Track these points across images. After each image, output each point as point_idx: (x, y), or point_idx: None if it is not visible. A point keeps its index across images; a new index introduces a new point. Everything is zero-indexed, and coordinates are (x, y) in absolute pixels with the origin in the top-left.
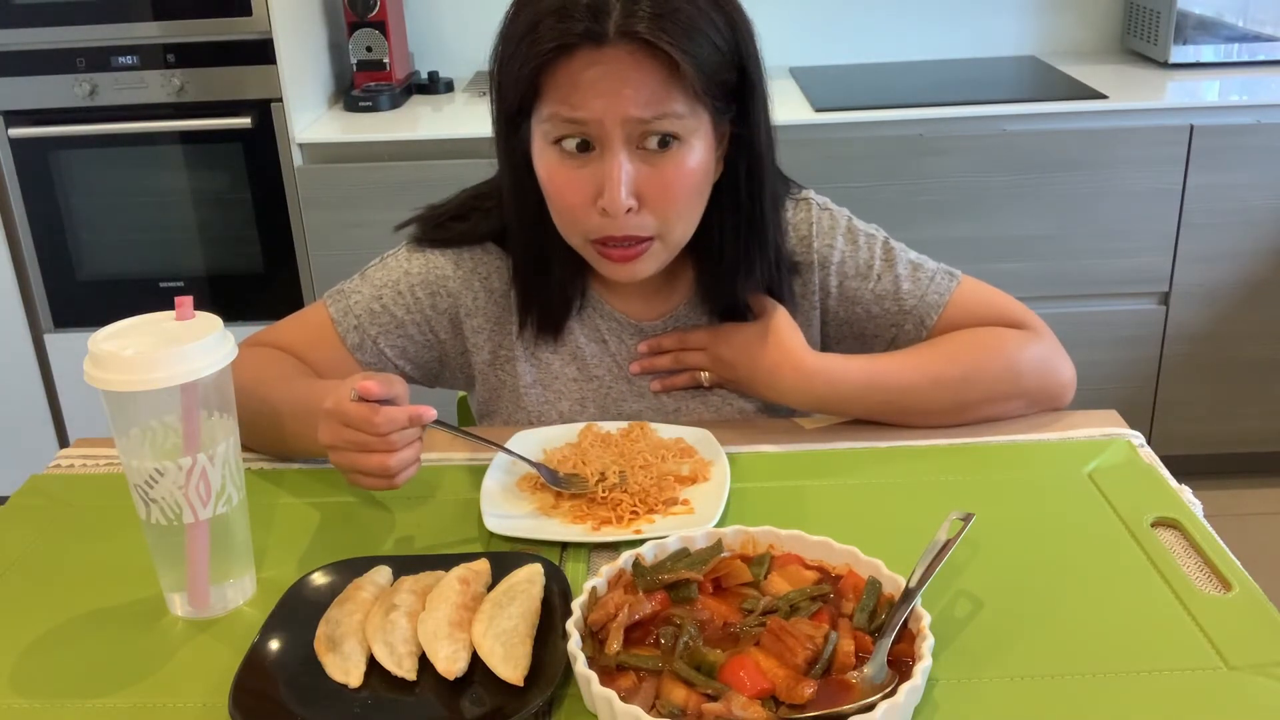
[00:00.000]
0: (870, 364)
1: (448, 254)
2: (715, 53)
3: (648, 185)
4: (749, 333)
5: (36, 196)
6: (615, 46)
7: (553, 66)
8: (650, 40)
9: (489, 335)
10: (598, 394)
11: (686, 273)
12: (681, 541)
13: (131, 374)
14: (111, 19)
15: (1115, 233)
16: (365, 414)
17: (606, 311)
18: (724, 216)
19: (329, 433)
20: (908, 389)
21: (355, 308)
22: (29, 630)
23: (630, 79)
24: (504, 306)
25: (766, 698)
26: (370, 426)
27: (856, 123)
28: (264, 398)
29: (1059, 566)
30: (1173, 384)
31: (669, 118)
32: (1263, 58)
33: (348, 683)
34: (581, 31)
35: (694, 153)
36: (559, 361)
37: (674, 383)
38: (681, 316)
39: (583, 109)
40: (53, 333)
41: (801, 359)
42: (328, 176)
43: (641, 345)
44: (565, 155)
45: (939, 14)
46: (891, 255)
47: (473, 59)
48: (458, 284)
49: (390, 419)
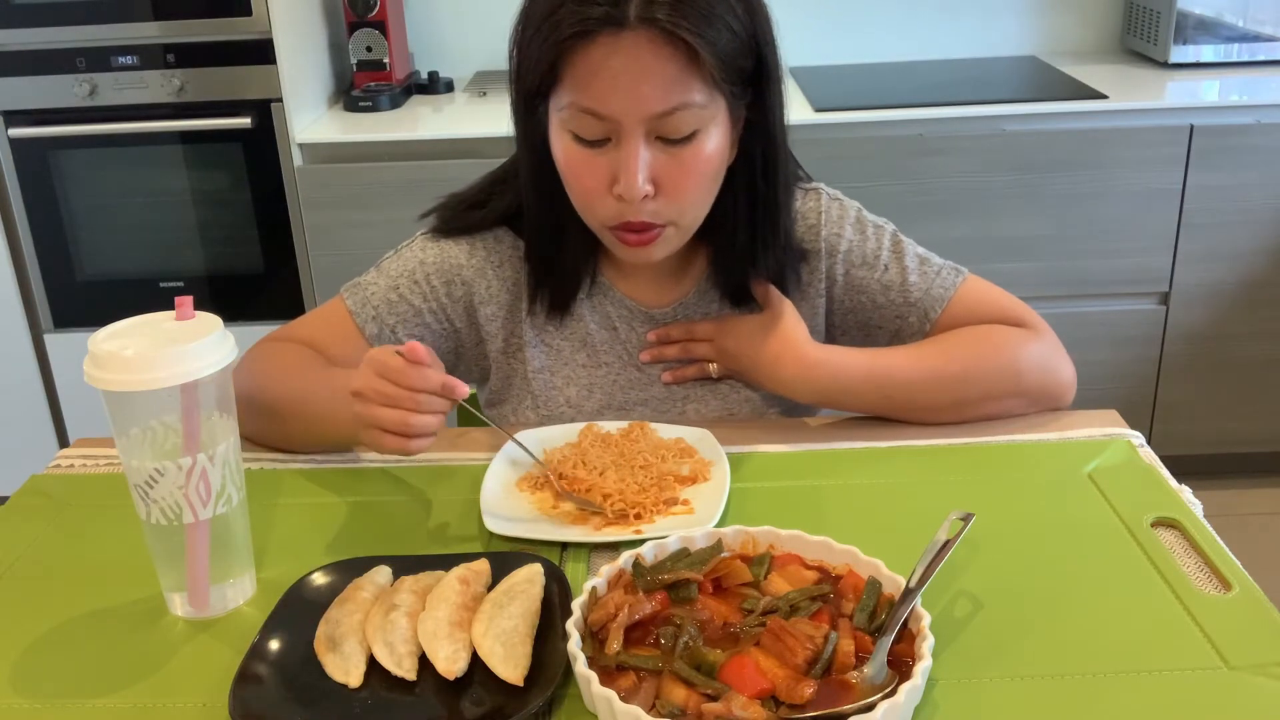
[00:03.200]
0: (872, 358)
1: (461, 243)
2: (733, 39)
3: (664, 173)
4: (753, 324)
5: (36, 196)
6: (635, 33)
7: (571, 52)
8: (668, 27)
9: (502, 323)
10: (606, 381)
11: (698, 259)
12: (681, 541)
13: (131, 374)
14: (111, 19)
15: (1115, 233)
16: (402, 367)
17: (617, 298)
18: (738, 199)
19: (362, 379)
20: (909, 384)
21: (373, 299)
22: (29, 630)
23: (650, 70)
24: (516, 294)
25: (766, 698)
26: (404, 379)
27: (856, 123)
28: (279, 391)
29: (1059, 566)
30: (1173, 384)
31: (687, 108)
32: (1263, 58)
33: (348, 683)
34: (601, 16)
35: (710, 140)
36: (569, 347)
37: (684, 374)
38: (692, 304)
39: (601, 104)
40: (53, 333)
41: (803, 351)
42: (328, 176)
43: (650, 335)
44: (582, 142)
45: (939, 14)
46: (900, 247)
47: (473, 59)
48: (471, 272)
49: (424, 377)
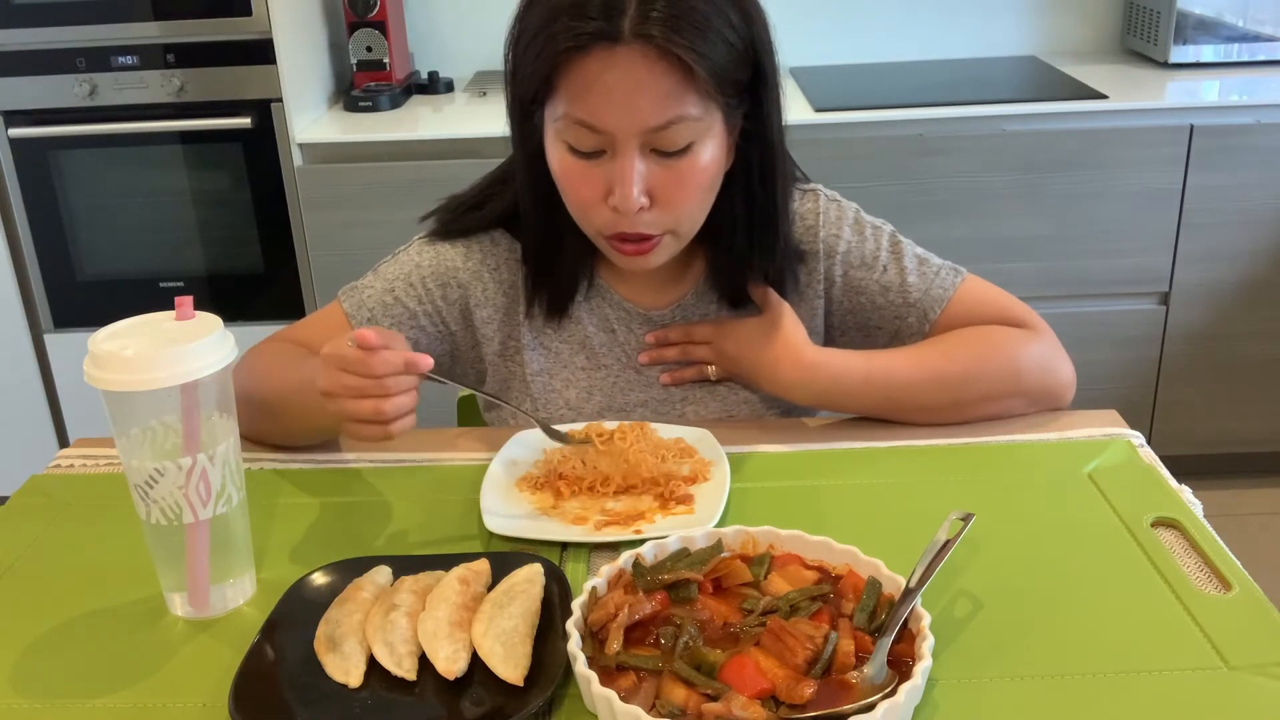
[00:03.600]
0: (871, 360)
1: (457, 246)
2: (730, 51)
3: (659, 184)
4: (752, 327)
5: (36, 196)
6: (629, 48)
7: (567, 65)
8: (663, 43)
9: (499, 326)
10: (605, 383)
11: (695, 261)
12: (681, 541)
13: (131, 374)
14: (111, 19)
15: (1115, 233)
16: (360, 357)
17: (615, 300)
18: (735, 204)
19: (326, 378)
20: (908, 386)
21: (369, 301)
22: (29, 630)
23: (645, 85)
24: (513, 297)
25: (766, 698)
26: (365, 369)
27: (856, 123)
28: (271, 386)
29: (1059, 566)
30: (1173, 384)
31: (682, 122)
32: (1263, 58)
33: (348, 683)
34: (595, 31)
35: (706, 151)
36: (567, 350)
37: (683, 376)
38: (689, 305)
39: (596, 118)
40: (53, 333)
41: (802, 353)
42: (328, 176)
43: (648, 337)
44: (577, 154)
45: (939, 14)
46: (899, 248)
47: (473, 59)
48: (468, 275)
49: (385, 361)
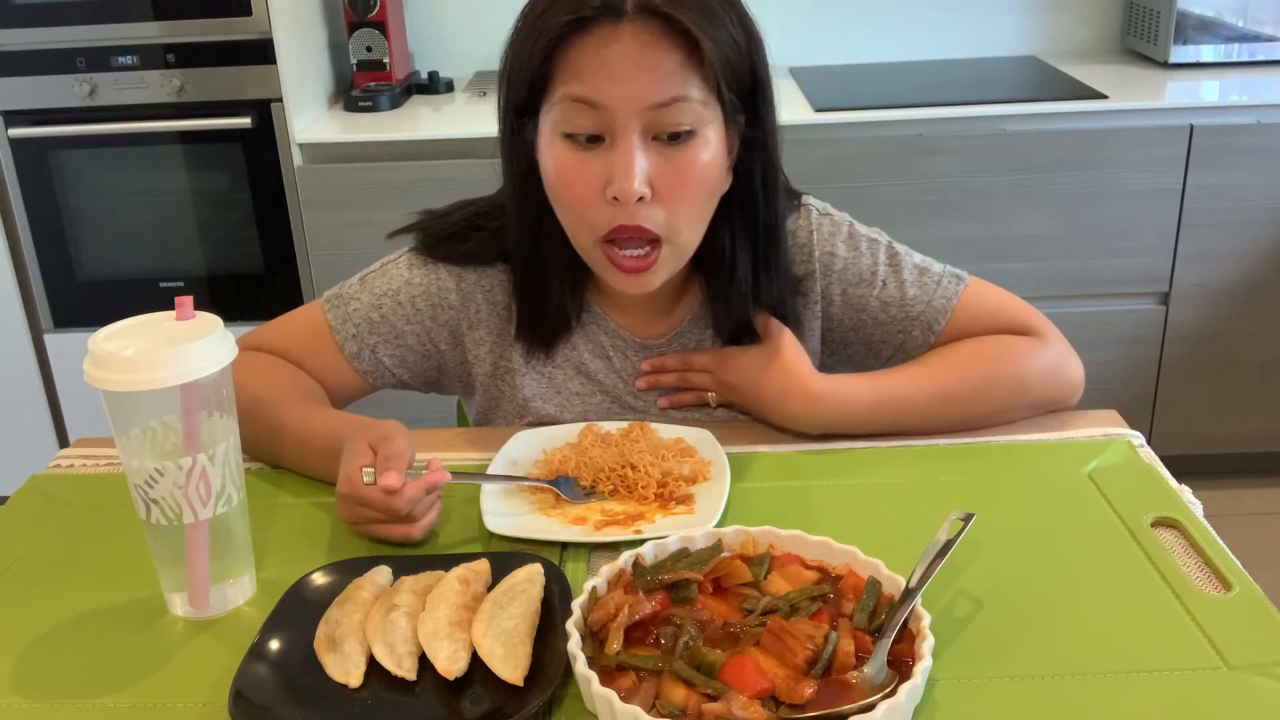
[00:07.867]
0: (877, 385)
1: (451, 266)
2: (733, 45)
3: (660, 176)
4: (753, 357)
5: (36, 196)
6: (634, 23)
7: (566, 46)
8: (669, 14)
9: (490, 348)
10: (600, 409)
11: (690, 290)
12: (681, 541)
13: (131, 374)
14: (111, 19)
15: (1115, 233)
16: (384, 501)
17: (610, 328)
18: (735, 229)
19: (348, 512)
20: (916, 410)
21: (354, 315)
22: (29, 630)
23: (648, 61)
24: (506, 319)
25: (766, 698)
26: (391, 511)
27: (856, 123)
28: (265, 418)
29: (1059, 566)
30: (1173, 384)
31: (685, 102)
32: (1262, 58)
33: (348, 683)
34: (599, 6)
35: (707, 146)
36: (562, 375)
37: (680, 400)
38: (685, 334)
39: (597, 93)
40: (53, 333)
41: (809, 384)
42: (328, 176)
43: (645, 364)
44: (575, 145)
45: (939, 14)
46: (897, 260)
47: (473, 59)
48: (460, 297)
49: (410, 500)
